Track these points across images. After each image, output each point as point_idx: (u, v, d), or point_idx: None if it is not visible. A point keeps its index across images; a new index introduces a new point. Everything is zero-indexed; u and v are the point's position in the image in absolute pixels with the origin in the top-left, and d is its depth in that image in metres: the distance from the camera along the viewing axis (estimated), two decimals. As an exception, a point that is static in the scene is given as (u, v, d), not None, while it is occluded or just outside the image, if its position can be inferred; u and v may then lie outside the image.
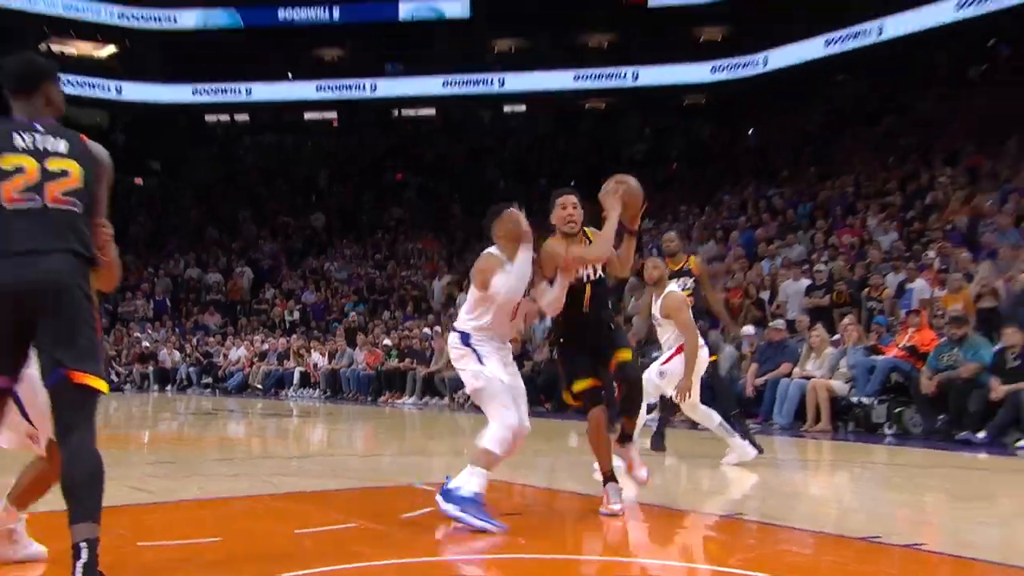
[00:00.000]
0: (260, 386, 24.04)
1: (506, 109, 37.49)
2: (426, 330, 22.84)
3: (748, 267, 19.36)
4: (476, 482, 5.94)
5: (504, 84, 36.43)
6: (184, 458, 10.89)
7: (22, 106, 4.47)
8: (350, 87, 37.36)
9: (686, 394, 9.19)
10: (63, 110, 4.61)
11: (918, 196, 20.52)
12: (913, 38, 28.93)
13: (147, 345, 27.18)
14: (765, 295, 17.51)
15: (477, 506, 5.83)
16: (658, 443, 11.05)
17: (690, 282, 10.64)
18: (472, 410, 17.75)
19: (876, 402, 13.01)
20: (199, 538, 5.43)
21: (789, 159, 26.10)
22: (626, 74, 35.25)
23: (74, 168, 4.32)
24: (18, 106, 4.47)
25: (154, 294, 30.46)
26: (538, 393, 16.63)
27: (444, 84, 36.50)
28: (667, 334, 9.61)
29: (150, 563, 5.07)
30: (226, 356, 26.08)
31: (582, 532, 6.61)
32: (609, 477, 6.55)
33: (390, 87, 37.14)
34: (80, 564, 3.98)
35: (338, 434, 15.28)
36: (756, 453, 9.48)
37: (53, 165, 4.29)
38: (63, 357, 4.19)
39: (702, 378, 9.71)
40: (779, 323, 15.12)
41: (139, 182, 36.95)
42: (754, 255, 20.11)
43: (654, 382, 9.56)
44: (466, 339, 6.37)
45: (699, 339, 9.47)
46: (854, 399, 13.17)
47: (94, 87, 36.85)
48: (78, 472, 4.16)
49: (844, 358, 13.62)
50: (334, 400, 21.61)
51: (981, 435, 11.79)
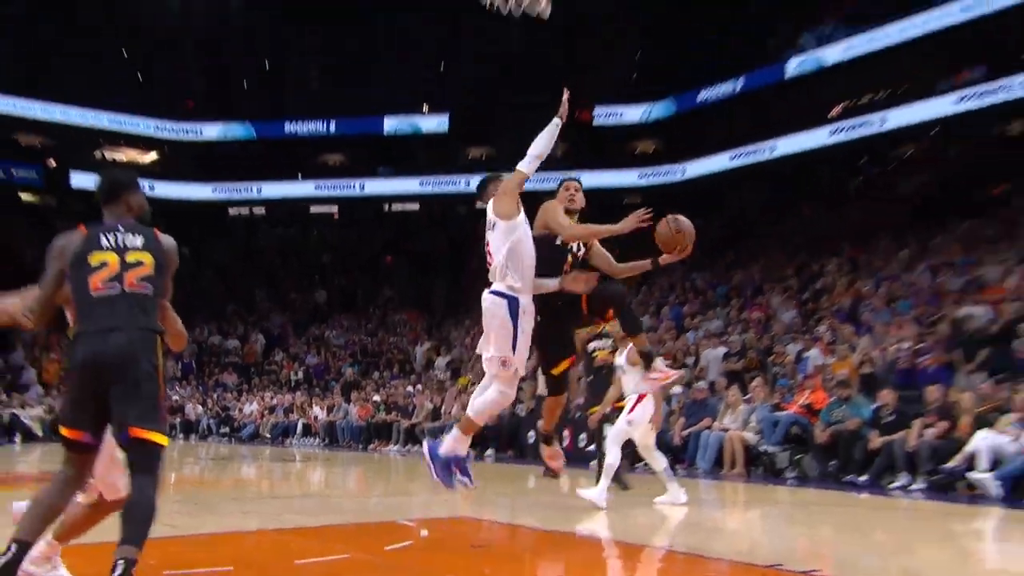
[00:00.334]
0: (269, 435, 23.83)
1: (478, 205, 37.78)
2: (409, 388, 23.00)
3: (676, 337, 19.59)
4: (452, 446, 6.00)
5: (470, 184, 36.51)
6: (204, 498, 10.81)
7: (110, 212, 4.75)
8: (343, 186, 37.82)
9: (659, 423, 9.24)
10: (144, 211, 4.86)
11: (811, 282, 20.90)
12: (799, 156, 29.45)
13: (175, 400, 26.90)
14: (690, 360, 17.59)
15: (442, 465, 6.03)
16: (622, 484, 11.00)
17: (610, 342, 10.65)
18: (443, 477, 17.74)
19: (780, 450, 13.18)
20: (215, 567, 5.46)
21: (707, 249, 26.39)
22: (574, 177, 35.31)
23: (148, 259, 4.57)
24: (107, 212, 4.75)
25: (182, 357, 30.22)
26: (501, 441, 16.70)
27: (421, 184, 36.90)
28: (632, 382, 9.50)
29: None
30: (241, 410, 25.84)
31: (539, 563, 6.59)
32: (548, 439, 6.62)
33: (376, 186, 37.46)
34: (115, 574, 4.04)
35: (334, 477, 15.16)
36: (686, 498, 9.41)
37: (131, 257, 4.54)
38: (128, 416, 4.37)
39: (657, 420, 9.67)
40: (701, 384, 15.26)
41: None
42: (681, 327, 20.32)
43: (624, 431, 9.50)
44: (514, 308, 5.86)
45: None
46: (762, 448, 13.30)
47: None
48: (135, 509, 4.31)
49: (754, 414, 13.77)
50: (331, 448, 21.45)
51: (863, 478, 12.07)
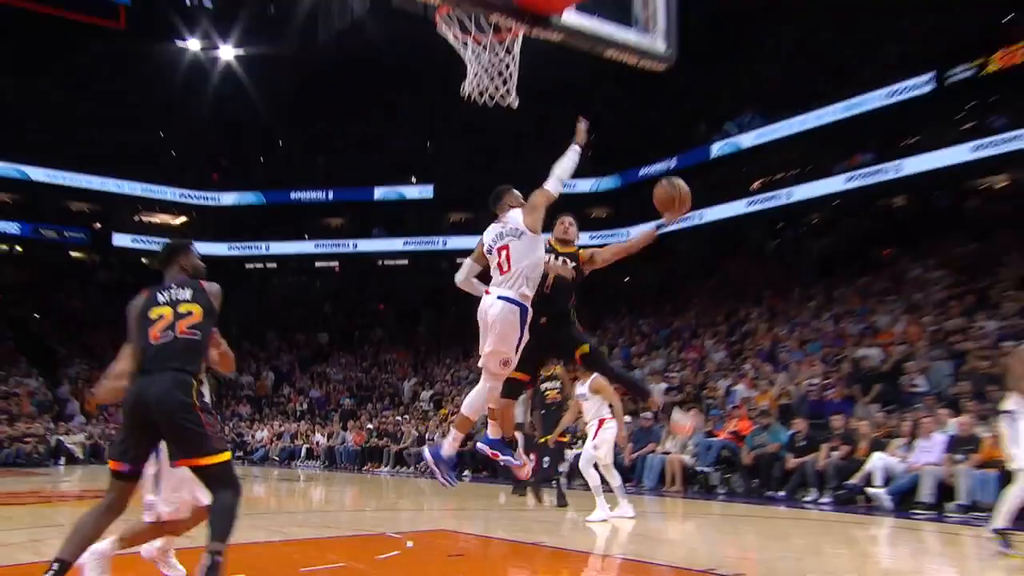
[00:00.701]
0: (277, 458, 23.50)
1: (457, 261, 37.73)
2: (397, 418, 22.81)
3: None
4: (452, 445, 5.50)
5: (446, 244, 36.72)
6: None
7: (168, 273, 4.89)
8: (340, 245, 37.86)
9: (624, 441, 9.15)
10: (194, 268, 4.94)
11: (737, 327, 21.04)
12: (723, 222, 29.53)
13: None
14: (637, 395, 17.63)
15: (448, 465, 5.48)
16: (562, 501, 10.86)
17: (559, 383, 10.68)
18: (430, 476, 17.55)
19: (712, 471, 13.22)
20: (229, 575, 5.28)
21: (652, 298, 26.50)
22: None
23: (196, 308, 4.66)
24: (166, 274, 4.88)
25: (209, 389, 29.92)
26: (476, 463, 16.55)
27: (405, 243, 37.00)
28: (592, 408, 9.39)
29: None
30: (253, 436, 25.45)
31: (508, 570, 6.55)
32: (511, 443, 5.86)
33: (368, 245, 37.43)
34: (204, 565, 4.18)
35: (332, 495, 14.98)
36: (632, 513, 9.31)
37: (183, 308, 4.64)
38: (175, 450, 4.50)
39: (616, 445, 9.60)
40: (647, 415, 15.20)
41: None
42: (630, 366, 20.27)
43: (591, 455, 9.40)
44: (524, 316, 5.19)
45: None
46: (698, 469, 13.31)
47: (155, 243, 36.66)
48: (215, 514, 4.41)
49: (691, 440, 13.74)
50: (330, 469, 21.20)
51: (781, 493, 12.14)
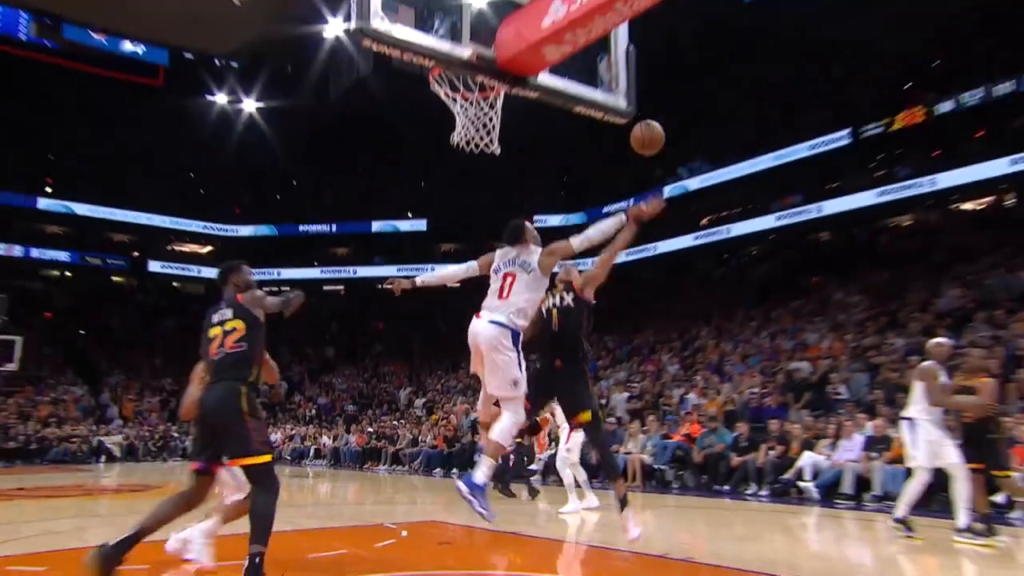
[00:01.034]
0: (288, 457, 23.20)
1: (448, 286, 37.61)
2: (394, 422, 22.57)
3: (593, 385, 19.48)
4: (486, 472, 4.76)
5: (434, 270, 36.71)
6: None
7: (224, 290, 4.86)
8: (342, 271, 37.78)
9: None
10: (245, 283, 4.86)
11: (689, 343, 21.05)
12: (674, 253, 29.77)
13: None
14: (603, 402, 17.59)
15: (483, 493, 4.72)
16: (507, 490, 10.77)
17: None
18: (423, 473, 17.41)
19: (668, 468, 13.12)
20: (242, 560, 5.23)
21: (616, 319, 26.56)
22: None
23: (239, 323, 4.64)
24: (223, 290, 4.85)
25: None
26: (463, 462, 16.41)
27: (398, 270, 36.68)
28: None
29: None
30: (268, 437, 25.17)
31: (490, 556, 6.51)
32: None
33: (367, 271, 37.14)
34: (246, 567, 4.24)
35: (336, 490, 14.79)
36: (597, 503, 9.26)
37: (228, 326, 4.64)
38: (224, 451, 4.57)
39: (583, 443, 9.49)
40: (611, 420, 15.21)
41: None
42: (597, 377, 20.27)
43: (565, 456, 9.35)
44: (516, 339, 4.76)
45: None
46: (655, 466, 13.22)
47: (190, 270, 36.91)
48: (253, 514, 4.43)
49: (649, 441, 13.70)
50: (335, 467, 20.96)
51: (726, 487, 12.04)
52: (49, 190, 34.40)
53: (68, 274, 35.36)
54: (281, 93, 32.62)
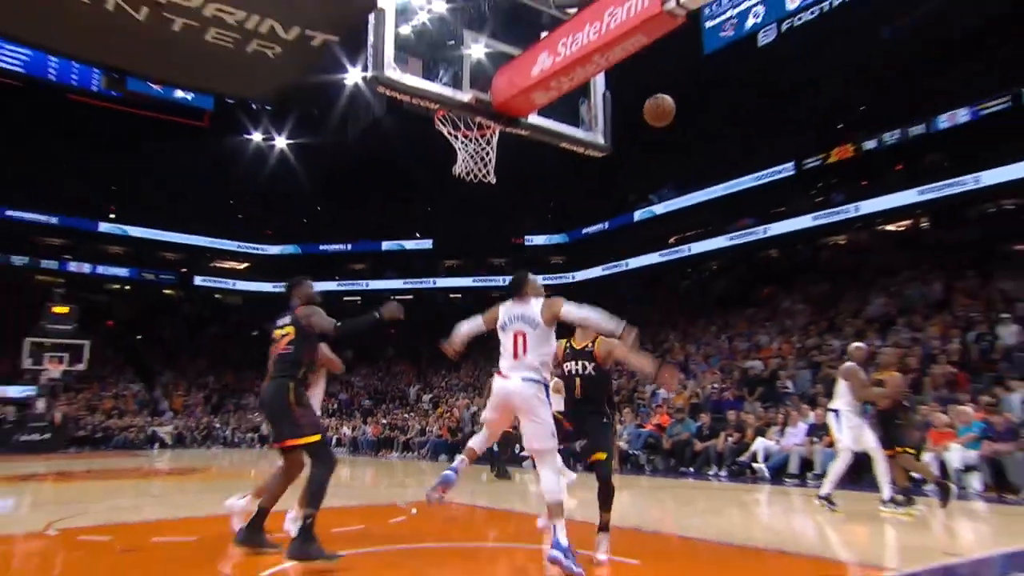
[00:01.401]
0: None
1: (452, 296, 37.59)
2: (405, 415, 22.45)
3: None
4: (564, 531, 4.18)
5: (435, 283, 36.54)
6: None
7: (290, 300, 4.88)
8: (358, 285, 37.38)
9: None
10: (306, 296, 4.88)
11: (659, 345, 21.00)
12: (645, 269, 29.81)
13: (256, 420, 26.13)
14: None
15: (571, 553, 4.10)
16: (504, 473, 10.74)
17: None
18: (430, 459, 17.29)
19: (641, 453, 13.05)
20: (274, 534, 5.14)
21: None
22: (506, 280, 35.25)
23: (291, 330, 4.69)
24: (290, 300, 4.87)
25: (259, 393, 29.48)
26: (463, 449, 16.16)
27: (404, 283, 36.73)
28: (553, 404, 9.16)
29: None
30: None
31: (487, 530, 6.47)
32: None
33: (377, 284, 36.93)
34: (300, 527, 4.30)
35: (355, 473, 14.67)
36: (574, 477, 9.21)
37: (282, 332, 4.71)
38: (274, 435, 4.62)
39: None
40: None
41: (255, 333, 36.26)
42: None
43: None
44: (547, 392, 4.35)
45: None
46: (630, 452, 13.17)
47: (224, 283, 36.94)
48: (308, 486, 4.48)
49: (626, 430, 13.65)
50: (354, 454, 20.81)
51: (691, 469, 12.02)
52: (113, 216, 34.83)
53: (127, 288, 35.59)
54: (308, 132, 32.81)
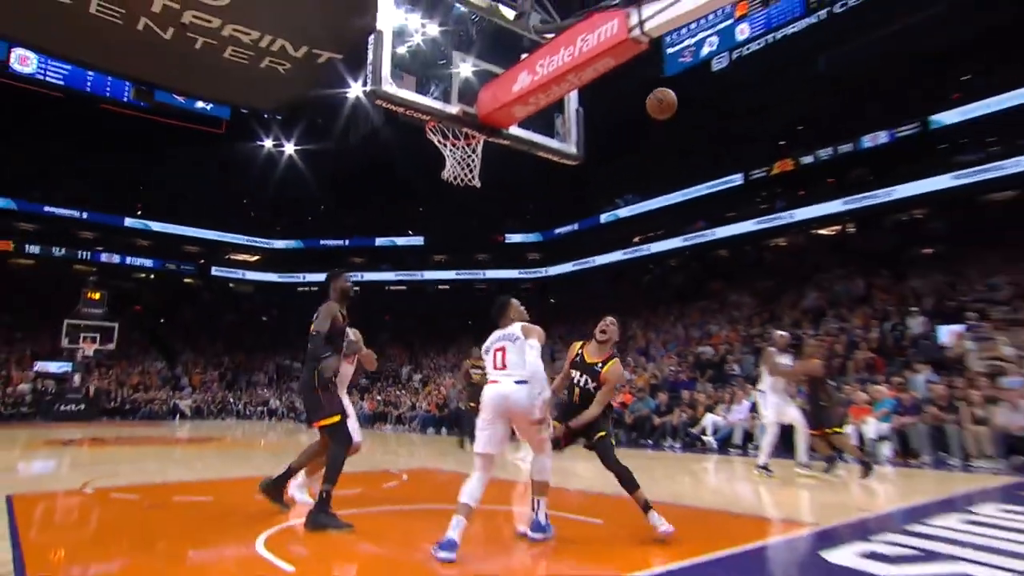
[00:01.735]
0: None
1: (440, 288, 37.36)
2: (397, 392, 22.31)
3: (551, 365, 19.39)
4: (545, 511, 4.19)
5: (424, 276, 36.15)
6: (280, 455, 10.26)
7: (328, 293, 4.70)
8: (353, 275, 36.12)
9: None
10: (341, 290, 4.72)
11: (624, 333, 20.78)
12: (611, 265, 29.72)
13: (265, 395, 25.85)
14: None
15: (549, 527, 4.15)
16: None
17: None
18: (419, 431, 17.18)
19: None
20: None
21: (568, 315, 26.54)
22: (487, 273, 35.14)
23: (313, 325, 4.53)
24: (328, 294, 4.69)
25: (268, 372, 29.09)
26: (450, 424, 16.14)
27: (396, 275, 36.34)
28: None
29: (269, 508, 4.80)
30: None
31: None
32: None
33: (371, 276, 36.27)
34: (317, 500, 4.28)
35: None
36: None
37: (312, 327, 4.53)
38: (307, 417, 4.58)
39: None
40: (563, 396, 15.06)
41: (264, 319, 35.73)
42: (553, 358, 20.06)
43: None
44: (535, 389, 4.08)
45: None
46: (594, 424, 13.13)
47: (237, 273, 36.49)
48: (327, 463, 4.41)
49: (590, 405, 13.62)
50: (354, 425, 20.59)
51: (650, 442, 12.01)
52: (140, 213, 34.59)
53: (152, 277, 35.26)
54: (314, 139, 32.48)
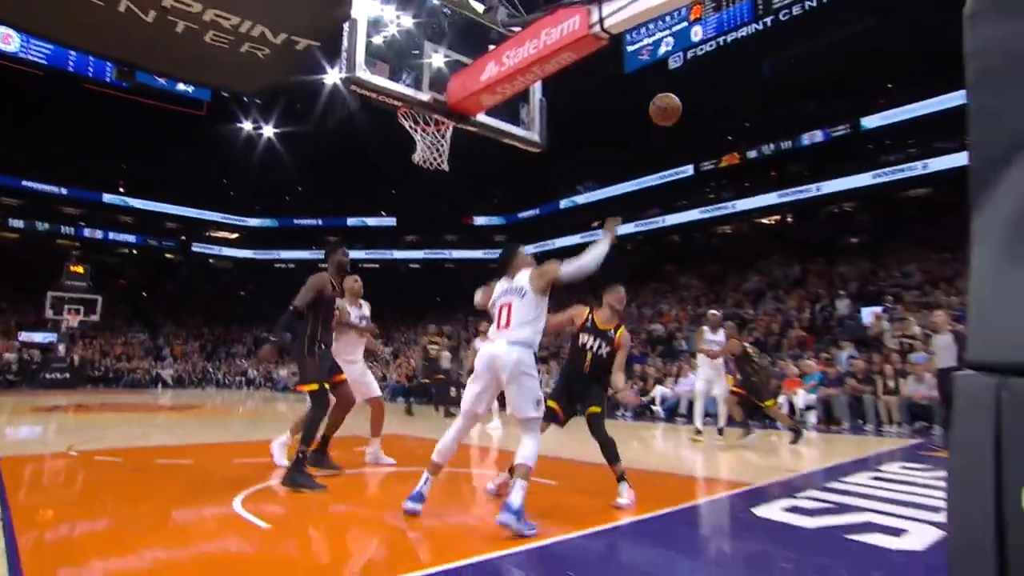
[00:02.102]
0: (292, 388, 22.38)
1: (411, 266, 36.99)
2: (369, 364, 21.82)
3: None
4: (521, 495, 3.24)
5: (394, 255, 35.64)
6: (266, 422, 10.07)
7: (328, 266, 4.66)
8: (319, 253, 36.23)
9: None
10: (338, 264, 4.73)
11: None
12: (569, 247, 29.05)
13: (243, 365, 25.34)
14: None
15: (523, 515, 3.19)
16: (451, 413, 10.51)
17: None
18: (389, 401, 16.93)
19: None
20: (263, 458, 4.95)
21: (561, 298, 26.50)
22: (455, 254, 35.06)
23: (299, 294, 4.52)
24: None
25: (246, 344, 28.48)
26: (420, 394, 14.84)
27: (366, 253, 35.38)
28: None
29: (246, 471, 4.69)
30: (278, 373, 23.73)
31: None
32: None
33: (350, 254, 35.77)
34: (293, 460, 4.13)
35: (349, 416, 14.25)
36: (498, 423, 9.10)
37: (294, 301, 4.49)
38: (299, 380, 4.50)
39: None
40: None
41: (242, 293, 34.94)
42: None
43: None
44: (535, 359, 3.52)
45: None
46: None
47: (216, 250, 35.58)
48: (304, 425, 4.30)
49: (553, 380, 13.64)
50: (329, 393, 20.21)
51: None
52: (121, 190, 33.36)
53: (135, 252, 34.18)
54: (291, 122, 31.69)
